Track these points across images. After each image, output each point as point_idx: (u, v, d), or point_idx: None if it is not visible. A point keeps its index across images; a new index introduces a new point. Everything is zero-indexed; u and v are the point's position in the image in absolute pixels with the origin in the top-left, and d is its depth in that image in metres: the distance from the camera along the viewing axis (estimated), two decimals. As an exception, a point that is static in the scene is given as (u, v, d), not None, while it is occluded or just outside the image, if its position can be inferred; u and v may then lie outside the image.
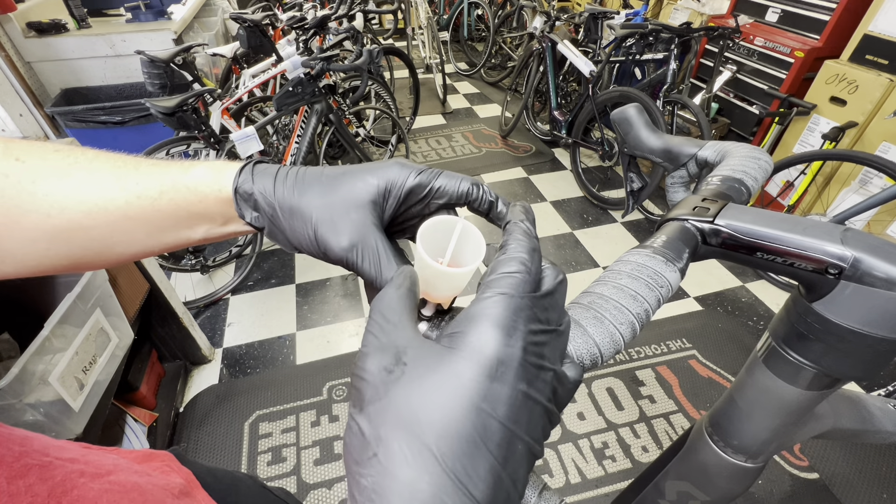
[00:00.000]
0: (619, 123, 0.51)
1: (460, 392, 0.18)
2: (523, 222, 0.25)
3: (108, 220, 0.30)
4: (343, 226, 0.27)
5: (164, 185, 0.30)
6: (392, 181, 0.29)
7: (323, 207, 0.28)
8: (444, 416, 0.18)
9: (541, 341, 0.21)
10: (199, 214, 0.31)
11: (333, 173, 0.29)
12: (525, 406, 0.19)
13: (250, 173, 0.30)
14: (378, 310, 0.22)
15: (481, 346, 0.19)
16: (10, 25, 2.00)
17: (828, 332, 0.34)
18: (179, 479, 0.44)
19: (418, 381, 0.19)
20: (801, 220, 0.33)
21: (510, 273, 0.21)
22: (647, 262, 0.31)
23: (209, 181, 0.30)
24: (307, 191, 0.29)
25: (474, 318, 0.20)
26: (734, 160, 0.44)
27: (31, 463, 0.31)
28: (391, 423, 0.18)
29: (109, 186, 0.30)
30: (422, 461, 0.17)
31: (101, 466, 0.35)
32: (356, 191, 0.28)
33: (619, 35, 2.35)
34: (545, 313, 0.22)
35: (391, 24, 4.41)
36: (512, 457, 0.19)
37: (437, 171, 0.30)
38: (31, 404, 0.96)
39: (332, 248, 0.28)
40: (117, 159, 0.31)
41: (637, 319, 0.28)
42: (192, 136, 1.83)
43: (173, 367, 1.69)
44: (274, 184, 0.29)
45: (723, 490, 0.48)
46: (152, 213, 0.30)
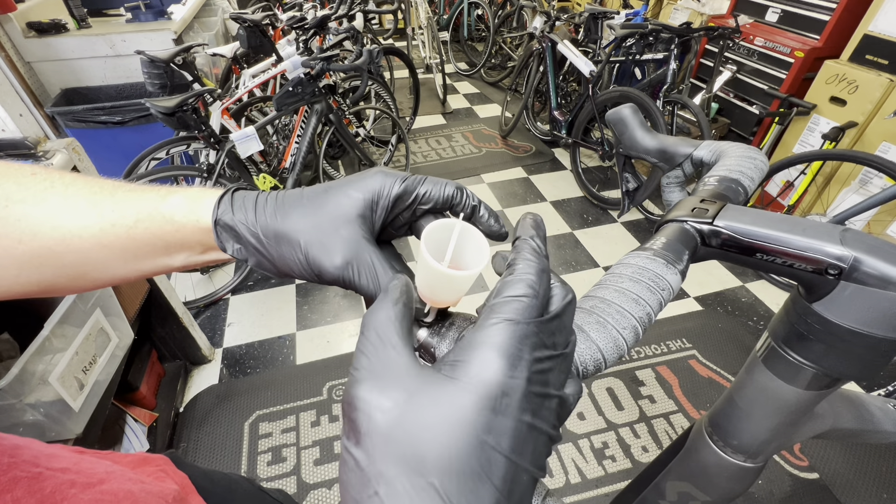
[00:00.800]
0: (614, 124, 0.51)
1: (463, 426, 0.18)
2: (533, 239, 0.24)
3: (81, 248, 0.29)
4: (334, 244, 0.27)
5: (139, 213, 0.29)
6: (377, 192, 0.28)
7: (310, 229, 0.27)
8: (447, 451, 0.17)
9: (546, 368, 0.20)
10: (176, 244, 0.30)
11: (314, 193, 0.29)
12: (529, 436, 0.19)
13: (230, 203, 0.29)
14: (372, 327, 0.21)
15: (484, 377, 0.19)
16: (10, 25, 2.00)
17: (828, 333, 0.34)
18: (174, 486, 0.44)
19: (420, 414, 0.18)
20: (801, 220, 0.33)
21: (517, 297, 0.21)
22: (647, 264, 0.31)
23: (186, 211, 0.29)
24: (290, 214, 0.28)
25: (478, 346, 0.19)
26: (730, 160, 0.44)
27: (20, 475, 0.31)
28: (392, 459, 0.18)
29: (84, 213, 0.29)
30: (426, 499, 0.17)
31: (94, 475, 0.35)
32: (342, 207, 0.27)
33: (619, 35, 2.35)
34: (552, 338, 0.21)
35: (391, 24, 4.41)
36: (517, 488, 0.18)
37: (420, 178, 0.29)
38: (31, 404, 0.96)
39: (326, 269, 0.27)
40: (94, 185, 0.31)
41: (640, 323, 0.27)
42: (192, 136, 1.83)
43: (173, 367, 1.69)
44: (255, 212, 0.28)
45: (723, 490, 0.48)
46: (128, 242, 0.29)
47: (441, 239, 0.27)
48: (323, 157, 2.34)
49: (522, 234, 0.25)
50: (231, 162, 1.94)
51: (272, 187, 2.17)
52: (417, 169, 2.99)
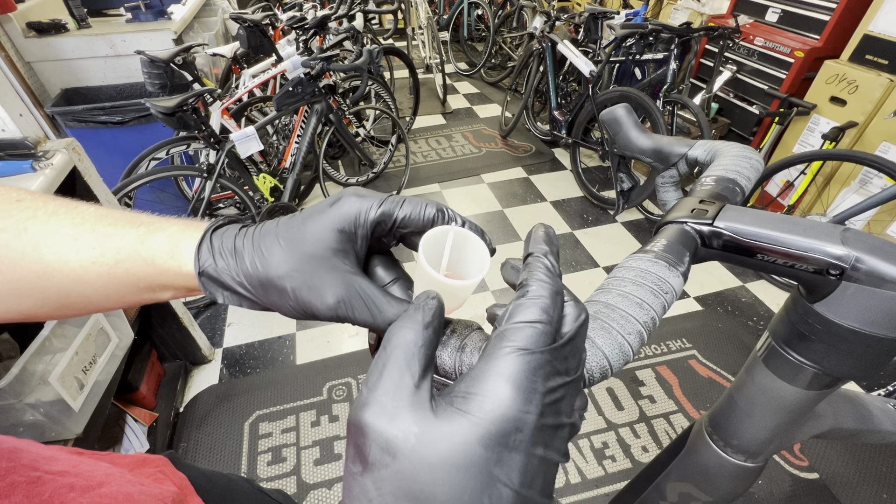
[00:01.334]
0: (609, 124, 0.51)
1: (475, 463, 0.17)
2: (546, 256, 0.23)
3: (62, 282, 0.28)
4: (321, 285, 0.26)
5: (120, 252, 0.28)
6: (353, 220, 0.26)
7: (293, 273, 0.26)
8: (457, 490, 0.17)
9: (559, 397, 0.20)
10: (160, 286, 0.29)
11: (289, 230, 0.27)
12: (540, 469, 0.19)
13: (210, 251, 0.28)
14: (399, 347, 0.21)
15: (497, 413, 0.18)
16: (10, 25, 2.00)
17: (829, 333, 0.34)
18: (173, 487, 0.44)
19: (430, 449, 0.18)
20: (801, 221, 0.33)
21: (530, 323, 0.20)
22: (650, 267, 0.31)
23: (167, 257, 0.28)
24: (270, 259, 0.26)
25: (490, 378, 0.19)
26: (726, 160, 0.44)
27: (18, 480, 0.30)
28: (401, 495, 0.18)
29: (64, 247, 0.28)
30: None
31: (92, 478, 0.35)
32: (321, 244, 0.26)
33: (619, 35, 2.35)
34: (564, 363, 0.20)
35: (391, 24, 4.41)
36: None
37: (398, 200, 0.27)
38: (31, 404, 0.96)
39: (319, 311, 0.26)
40: (76, 215, 0.30)
41: (644, 328, 0.27)
42: (192, 136, 1.83)
43: (173, 367, 1.69)
44: (236, 259, 0.27)
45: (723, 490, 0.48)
46: (109, 280, 0.29)
47: (440, 246, 0.26)
48: (323, 157, 2.34)
49: (535, 250, 0.24)
50: (231, 162, 1.94)
51: (272, 188, 2.17)
52: (417, 169, 2.99)
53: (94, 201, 1.20)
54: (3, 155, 1.01)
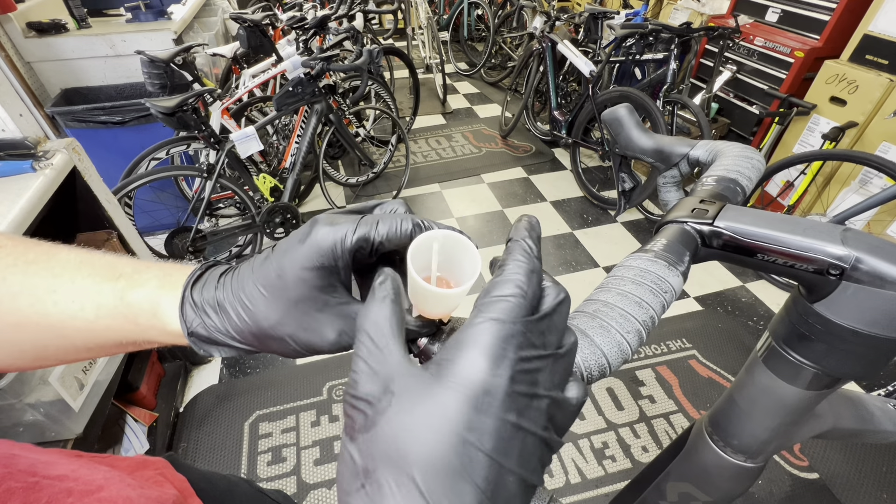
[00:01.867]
0: (610, 124, 0.51)
1: (445, 424, 0.18)
2: (525, 240, 0.24)
3: (38, 335, 0.28)
4: (317, 325, 0.26)
5: (100, 309, 0.27)
6: (330, 253, 0.25)
7: (285, 320, 0.25)
8: (429, 449, 0.18)
9: (533, 368, 0.20)
10: (144, 339, 0.29)
11: (266, 275, 0.26)
12: (515, 437, 0.19)
13: (194, 308, 0.26)
14: (364, 330, 0.22)
15: (467, 376, 0.19)
16: (10, 25, 2.00)
17: (829, 333, 0.34)
18: (173, 490, 0.44)
19: (405, 412, 0.19)
20: (801, 220, 0.33)
21: (503, 297, 0.20)
22: (649, 266, 0.31)
23: (148, 315, 0.27)
24: (256, 311, 0.26)
25: (462, 346, 0.19)
26: (727, 160, 0.44)
27: (15, 486, 0.30)
28: (379, 455, 0.18)
29: (42, 299, 0.27)
30: (407, 495, 0.17)
31: (91, 482, 0.34)
32: (304, 286, 0.25)
33: (619, 35, 2.35)
34: (541, 338, 0.21)
35: (391, 24, 4.41)
36: (502, 491, 0.18)
37: (373, 220, 0.26)
38: (31, 404, 0.97)
39: (322, 348, 0.26)
40: (56, 265, 0.28)
41: (643, 327, 0.27)
42: (192, 136, 1.83)
43: (173, 367, 1.69)
44: (221, 316, 0.26)
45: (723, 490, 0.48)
46: (89, 335, 0.28)
47: (428, 253, 0.26)
48: (323, 157, 2.34)
49: (515, 235, 0.24)
50: (231, 162, 1.94)
51: (272, 188, 2.17)
52: (417, 169, 2.99)
53: (94, 201, 1.20)
54: (3, 155, 1.01)
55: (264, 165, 2.44)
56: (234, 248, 2.20)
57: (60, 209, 1.13)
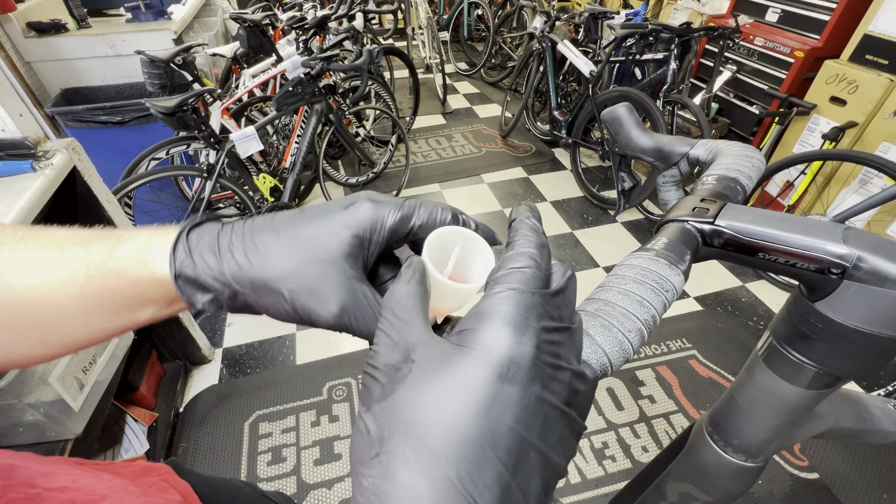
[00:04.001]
0: (610, 123, 0.51)
1: (468, 393, 0.17)
2: (529, 219, 0.24)
3: (32, 309, 0.26)
4: (326, 290, 0.24)
5: (89, 269, 0.26)
6: (369, 227, 0.25)
7: (294, 274, 0.24)
8: (450, 418, 0.17)
9: (555, 340, 0.20)
10: (137, 298, 0.27)
11: (291, 227, 0.25)
12: (539, 410, 0.18)
13: (187, 250, 0.25)
14: (389, 307, 0.22)
15: (491, 345, 0.18)
16: (10, 25, 2.00)
17: (830, 332, 0.34)
18: (177, 497, 0.43)
19: (425, 380, 0.18)
20: (802, 219, 0.33)
21: (519, 268, 0.20)
22: (650, 265, 0.31)
23: (138, 265, 0.26)
24: (266, 256, 0.24)
25: (484, 316, 0.19)
26: (727, 159, 0.44)
27: (16, 497, 0.29)
28: (395, 424, 0.18)
29: (32, 271, 0.26)
30: (424, 465, 0.16)
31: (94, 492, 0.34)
32: (330, 248, 0.24)
33: (619, 35, 2.35)
34: (558, 311, 0.21)
35: (391, 24, 4.41)
36: (523, 465, 0.17)
37: (415, 204, 0.26)
38: (31, 404, 0.97)
39: (319, 317, 0.24)
40: (44, 238, 0.27)
41: (645, 326, 0.27)
42: (192, 136, 1.83)
43: (173, 367, 1.69)
44: (221, 257, 0.25)
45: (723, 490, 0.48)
46: (82, 301, 0.26)
47: (444, 247, 0.26)
48: (323, 157, 2.34)
49: (518, 216, 0.24)
50: (231, 162, 1.94)
51: (272, 188, 2.17)
52: (417, 169, 2.99)
53: (94, 201, 1.20)
54: (3, 155, 1.01)
55: (264, 165, 2.44)
56: (234, 248, 2.20)
57: (60, 209, 1.13)
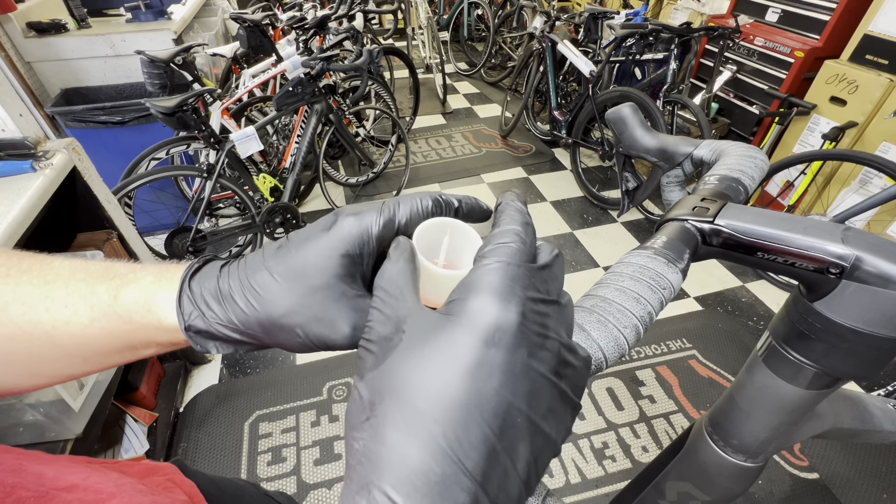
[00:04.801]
0: (614, 123, 0.51)
1: (455, 358, 0.18)
2: (514, 202, 0.25)
3: (33, 345, 0.26)
4: (332, 316, 0.24)
5: (93, 311, 0.26)
6: (357, 243, 0.25)
7: (298, 308, 0.24)
8: (437, 381, 0.18)
9: (542, 311, 0.20)
10: (141, 341, 0.27)
11: (282, 261, 0.25)
12: (526, 375, 0.19)
13: (192, 301, 0.25)
14: (380, 286, 0.22)
15: (478, 312, 0.19)
16: (10, 25, 2.00)
17: (829, 332, 0.34)
18: (183, 496, 0.43)
19: (415, 347, 0.19)
20: (802, 219, 0.33)
21: (505, 243, 0.21)
22: (648, 263, 0.31)
23: (143, 311, 0.26)
24: (267, 297, 0.24)
25: (471, 286, 0.20)
26: (730, 159, 0.44)
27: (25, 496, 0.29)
28: (385, 389, 0.18)
29: (35, 307, 0.26)
30: (412, 426, 0.17)
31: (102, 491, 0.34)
32: (325, 273, 0.24)
33: (619, 35, 2.35)
34: (544, 285, 0.21)
35: (391, 24, 4.41)
36: (509, 429, 0.18)
37: (394, 203, 0.26)
38: (31, 404, 0.97)
39: (334, 342, 0.25)
40: (49, 272, 0.27)
41: (640, 322, 0.27)
42: (192, 136, 1.83)
43: (173, 367, 1.69)
44: (225, 306, 0.25)
45: (723, 490, 0.48)
46: (84, 341, 0.26)
47: (433, 238, 0.26)
48: (323, 157, 2.34)
49: (504, 200, 0.25)
50: (231, 162, 1.94)
51: (272, 188, 2.17)
52: (417, 169, 2.99)
53: (94, 201, 1.20)
54: (3, 155, 1.01)
55: (264, 165, 2.44)
56: (234, 248, 2.20)
57: (60, 209, 1.13)
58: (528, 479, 0.18)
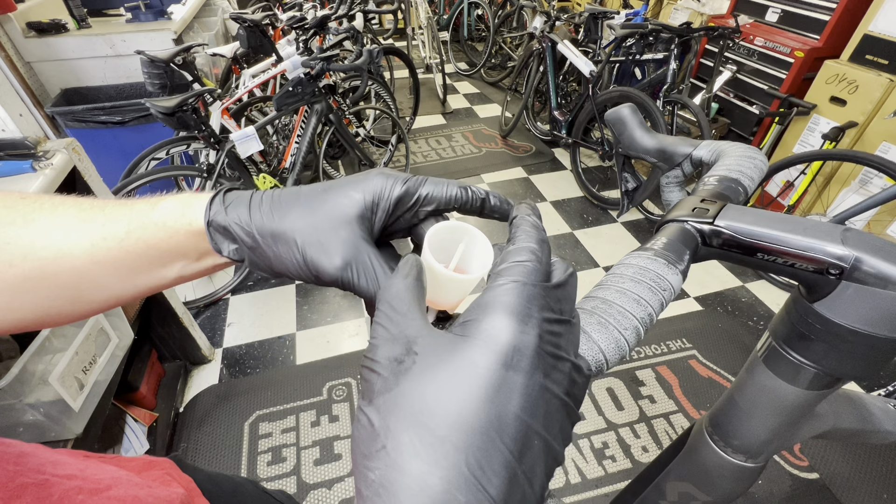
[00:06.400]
0: (613, 124, 0.51)
1: (474, 381, 0.18)
2: (530, 216, 0.25)
3: (74, 266, 0.28)
4: (333, 245, 0.26)
5: (130, 223, 0.29)
6: (378, 193, 0.27)
7: (308, 229, 0.26)
8: (456, 406, 0.17)
9: (556, 331, 0.20)
10: (171, 251, 0.29)
11: (312, 192, 0.28)
12: (542, 398, 0.19)
13: (222, 203, 0.28)
14: (385, 300, 0.22)
15: (496, 334, 0.18)
16: (10, 25, 2.00)
17: (829, 333, 0.34)
18: (180, 490, 0.44)
19: (430, 370, 0.18)
20: (802, 220, 0.33)
21: (521, 262, 0.21)
22: (648, 265, 0.31)
23: (177, 216, 0.28)
24: (288, 213, 0.27)
25: (487, 306, 0.20)
26: (730, 160, 0.44)
27: (27, 482, 0.30)
28: (401, 414, 0.18)
29: (74, 230, 0.28)
30: (433, 454, 0.17)
31: (100, 481, 0.35)
32: (341, 207, 0.27)
33: (619, 35, 2.35)
34: (558, 304, 0.21)
35: (391, 24, 4.41)
36: (528, 452, 0.18)
37: (422, 179, 0.28)
38: (31, 404, 0.96)
39: (324, 269, 0.26)
40: (83, 202, 0.30)
41: (641, 324, 0.27)
42: (192, 136, 1.83)
43: (173, 367, 1.69)
44: (249, 211, 0.27)
45: (723, 490, 0.48)
46: (120, 255, 0.28)
47: (445, 240, 0.27)
48: (323, 157, 2.34)
49: (519, 213, 0.26)
50: (231, 162, 1.94)
51: (272, 188, 2.17)
52: (417, 169, 2.99)
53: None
54: (3, 155, 1.01)
55: (264, 165, 2.44)
56: (234, 248, 2.20)
57: (60, 209, 1.13)
58: (541, 496, 0.18)
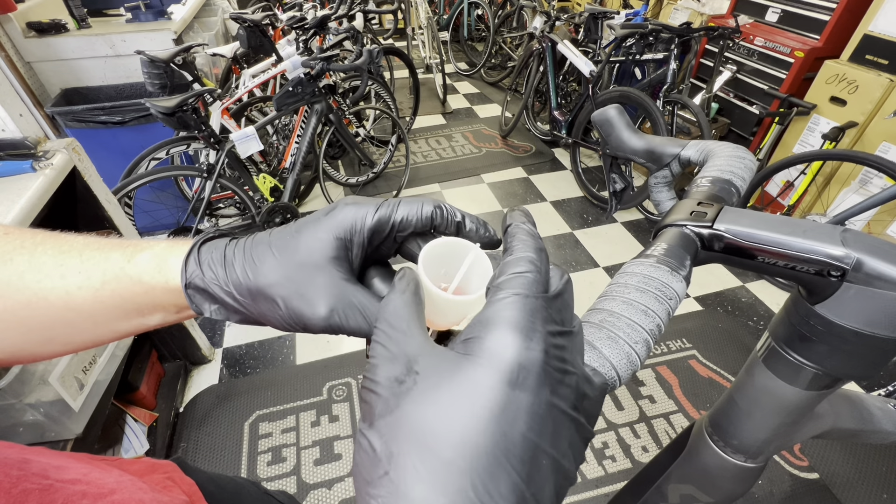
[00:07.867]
0: (601, 125, 0.51)
1: (478, 401, 0.17)
2: (525, 224, 0.24)
3: (48, 311, 0.28)
4: (313, 294, 0.25)
5: (105, 274, 0.28)
6: (349, 228, 0.26)
7: (284, 282, 0.25)
8: (461, 427, 0.16)
9: (561, 344, 0.20)
10: (148, 306, 0.29)
11: (282, 239, 0.26)
12: (549, 415, 0.18)
13: (197, 262, 0.27)
14: (384, 318, 0.21)
15: (500, 351, 0.18)
16: (10, 25, 2.00)
17: (830, 334, 0.34)
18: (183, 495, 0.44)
19: (432, 390, 0.18)
20: (801, 222, 0.33)
21: (521, 273, 0.20)
22: (652, 272, 0.30)
23: (153, 272, 0.28)
24: (261, 267, 0.25)
25: (490, 322, 0.19)
26: (720, 160, 0.44)
27: (31, 487, 0.30)
28: (404, 438, 0.17)
29: (50, 274, 0.28)
30: (437, 478, 0.16)
31: (104, 486, 0.34)
32: (313, 252, 0.25)
33: (619, 35, 2.35)
34: (559, 314, 0.21)
35: (391, 24, 4.40)
36: (536, 473, 0.17)
37: (394, 202, 0.27)
38: (31, 404, 0.97)
39: (310, 321, 0.25)
40: (64, 243, 0.29)
41: (650, 336, 0.26)
42: (192, 136, 1.83)
43: (173, 367, 1.69)
44: (225, 268, 0.26)
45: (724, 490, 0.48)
46: (95, 305, 0.28)
47: (442, 256, 0.26)
48: (323, 157, 2.34)
49: (513, 221, 0.24)
50: (231, 162, 1.94)
51: (272, 188, 2.17)
52: (417, 169, 2.98)
53: (94, 201, 1.20)
54: (3, 155, 1.01)
55: (264, 165, 2.44)
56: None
57: (60, 209, 1.13)
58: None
